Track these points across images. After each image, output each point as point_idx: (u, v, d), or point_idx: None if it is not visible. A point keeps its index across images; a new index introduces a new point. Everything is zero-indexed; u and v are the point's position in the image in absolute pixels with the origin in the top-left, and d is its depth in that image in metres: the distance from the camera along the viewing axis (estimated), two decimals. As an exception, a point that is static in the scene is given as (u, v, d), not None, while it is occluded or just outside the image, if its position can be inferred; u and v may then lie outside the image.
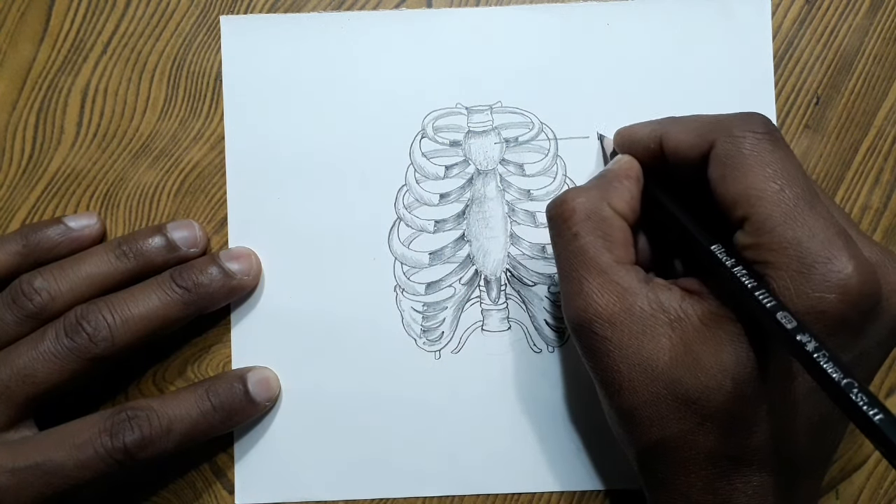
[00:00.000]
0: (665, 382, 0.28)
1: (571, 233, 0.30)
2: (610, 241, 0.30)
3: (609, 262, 0.30)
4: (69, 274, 0.34)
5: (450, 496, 0.36)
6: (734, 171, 0.28)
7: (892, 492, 0.36)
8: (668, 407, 0.28)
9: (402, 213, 0.37)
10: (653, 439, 0.29)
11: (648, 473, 0.30)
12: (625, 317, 0.29)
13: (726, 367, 0.27)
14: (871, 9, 0.37)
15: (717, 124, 0.30)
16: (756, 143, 0.28)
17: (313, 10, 0.37)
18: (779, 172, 0.28)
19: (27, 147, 0.37)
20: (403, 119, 0.37)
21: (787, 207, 0.27)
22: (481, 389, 0.36)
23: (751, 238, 0.28)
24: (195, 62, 0.37)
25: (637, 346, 0.28)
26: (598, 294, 0.29)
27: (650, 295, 0.29)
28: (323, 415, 0.36)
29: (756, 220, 0.28)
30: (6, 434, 0.32)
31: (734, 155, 0.29)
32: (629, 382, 0.29)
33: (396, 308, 0.37)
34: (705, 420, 0.28)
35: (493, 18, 0.37)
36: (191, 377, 0.37)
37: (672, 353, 0.28)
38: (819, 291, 0.26)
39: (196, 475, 0.36)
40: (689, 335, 0.28)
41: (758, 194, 0.28)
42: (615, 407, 0.30)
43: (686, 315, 0.28)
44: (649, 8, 0.37)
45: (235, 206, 0.37)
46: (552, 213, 0.31)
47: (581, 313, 0.29)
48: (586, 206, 0.30)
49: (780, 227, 0.27)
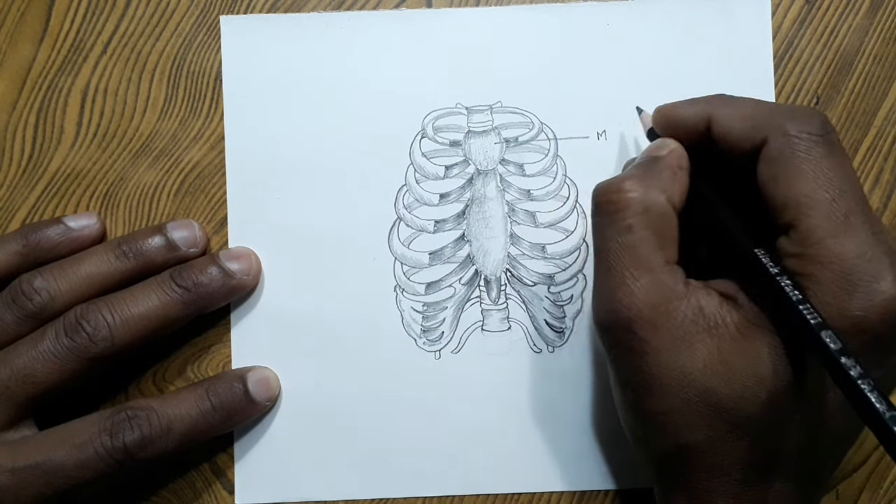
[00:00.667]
0: (698, 390, 0.27)
1: (625, 224, 0.29)
2: (663, 239, 0.29)
3: (660, 261, 0.28)
4: (69, 274, 0.34)
5: (450, 496, 0.36)
6: (786, 174, 0.27)
7: (892, 492, 0.36)
8: (699, 413, 0.27)
9: (402, 213, 0.37)
10: (679, 444, 0.28)
11: (668, 477, 0.30)
12: (667, 320, 0.28)
13: (762, 377, 0.27)
14: (871, 9, 0.37)
15: (771, 116, 0.28)
16: (812, 147, 0.27)
17: (313, 10, 0.37)
18: (833, 181, 0.27)
19: (27, 147, 0.37)
20: (403, 119, 0.37)
21: (838, 220, 0.27)
22: (481, 389, 0.36)
23: (796, 247, 0.27)
24: (195, 62, 0.37)
25: (675, 351, 0.28)
26: (644, 294, 0.28)
27: (692, 300, 0.28)
28: (323, 415, 0.36)
29: (804, 228, 0.27)
30: (6, 434, 0.32)
31: (788, 156, 0.27)
32: (661, 387, 0.28)
33: (396, 308, 0.37)
34: (735, 428, 0.27)
35: (493, 18, 0.37)
36: (191, 377, 0.37)
37: (707, 361, 0.27)
38: (861, 310, 0.26)
39: (196, 475, 0.36)
40: (725, 343, 0.27)
41: (808, 202, 0.27)
42: (641, 409, 0.29)
43: (724, 322, 0.28)
44: (649, 8, 0.37)
45: (235, 206, 0.37)
46: (602, 199, 0.30)
47: (624, 311, 0.28)
48: (644, 198, 0.29)
49: (827, 241, 0.26)
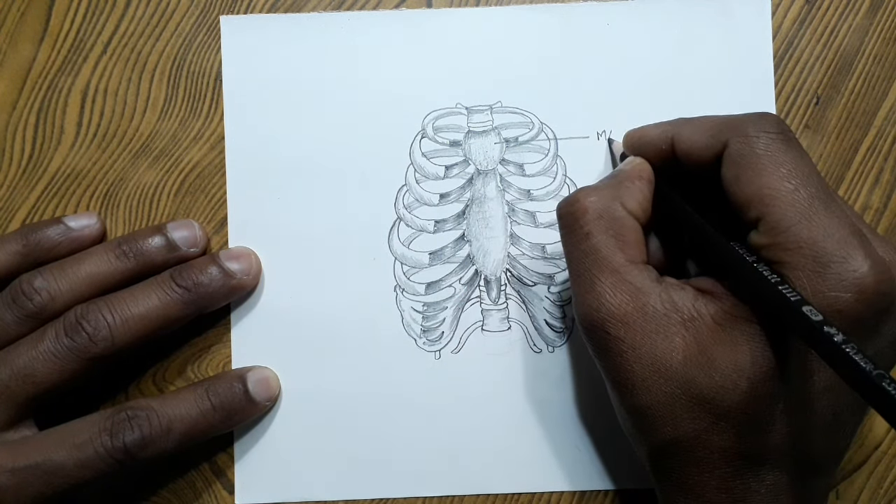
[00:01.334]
0: (679, 382, 0.28)
1: (583, 232, 0.30)
2: (622, 241, 0.30)
3: (622, 261, 0.30)
4: (69, 274, 0.34)
5: (450, 496, 0.36)
6: (748, 171, 0.28)
7: (892, 492, 0.36)
8: (682, 406, 0.28)
9: (402, 213, 0.37)
10: (666, 438, 0.29)
11: (661, 473, 0.30)
12: (638, 316, 0.29)
13: (742, 366, 0.27)
14: (871, 9, 0.37)
15: (729, 124, 0.30)
16: (770, 143, 0.28)
17: (313, 10, 0.37)
18: (793, 172, 0.28)
19: (27, 147, 0.37)
20: (403, 119, 0.37)
21: (802, 207, 0.27)
22: (481, 389, 0.36)
23: (766, 238, 0.28)
24: (195, 62, 0.37)
25: (650, 346, 0.28)
26: (610, 294, 0.29)
27: (663, 294, 0.29)
28: (323, 415, 0.36)
29: (771, 219, 0.28)
30: (6, 434, 0.32)
31: (748, 155, 0.28)
32: (642, 382, 0.28)
33: (396, 308, 0.37)
34: (720, 419, 0.28)
35: (493, 18, 0.37)
36: (191, 377, 0.37)
37: (686, 353, 0.28)
38: (835, 291, 0.26)
39: (196, 475, 0.36)
40: (702, 335, 0.28)
41: (772, 194, 0.28)
42: (627, 406, 0.29)
43: (700, 314, 0.28)
44: (649, 8, 0.37)
45: (235, 206, 0.37)
46: (563, 211, 0.31)
47: (594, 313, 0.29)
48: (598, 205, 0.30)
49: (795, 227, 0.27)
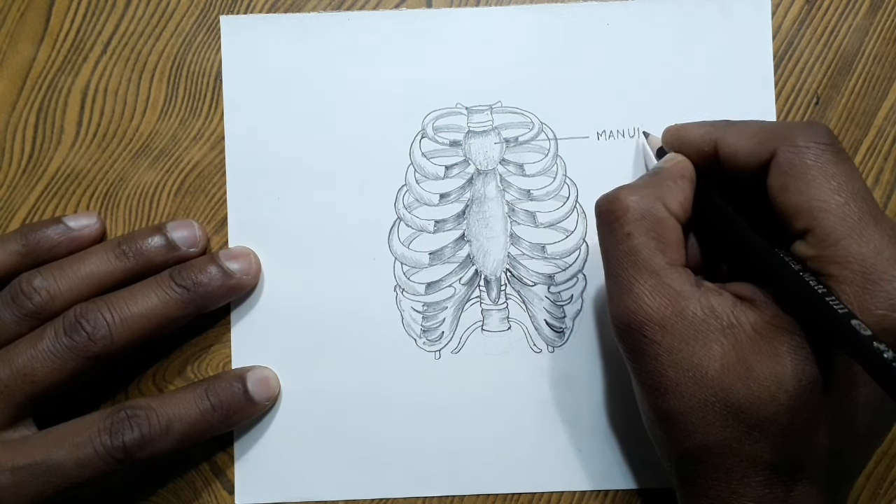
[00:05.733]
0: (714, 390, 0.27)
1: (624, 232, 0.30)
2: (663, 243, 0.29)
3: (662, 264, 0.29)
4: (69, 273, 0.34)
5: (450, 496, 0.36)
6: (797, 181, 0.28)
7: (893, 492, 0.36)
8: (716, 414, 0.27)
9: (402, 213, 0.37)
10: (696, 444, 0.28)
11: (686, 478, 0.29)
12: (676, 321, 0.28)
13: (782, 378, 0.27)
14: (871, 9, 0.37)
15: (777, 132, 0.29)
16: (820, 154, 0.28)
17: (313, 10, 0.37)
18: (843, 185, 0.28)
19: (27, 147, 0.37)
20: (403, 119, 0.37)
21: (853, 221, 0.27)
22: (481, 389, 0.36)
23: (813, 250, 0.27)
24: (195, 62, 0.37)
25: (688, 352, 0.28)
26: (649, 297, 0.29)
27: (702, 300, 0.28)
28: (323, 414, 0.36)
29: (820, 232, 0.27)
30: (6, 433, 0.32)
31: (797, 165, 0.28)
32: (676, 387, 0.28)
33: (396, 308, 0.37)
34: (753, 430, 0.27)
35: (493, 18, 0.37)
36: (190, 377, 0.37)
37: (723, 361, 0.27)
38: (883, 309, 0.26)
39: (195, 475, 0.36)
40: (741, 343, 0.28)
41: (822, 206, 0.27)
42: (657, 410, 0.29)
43: (739, 322, 0.28)
44: (649, 8, 0.37)
45: (235, 206, 0.37)
46: (602, 209, 0.31)
47: (631, 314, 0.29)
48: (640, 205, 0.30)
49: (844, 241, 0.27)
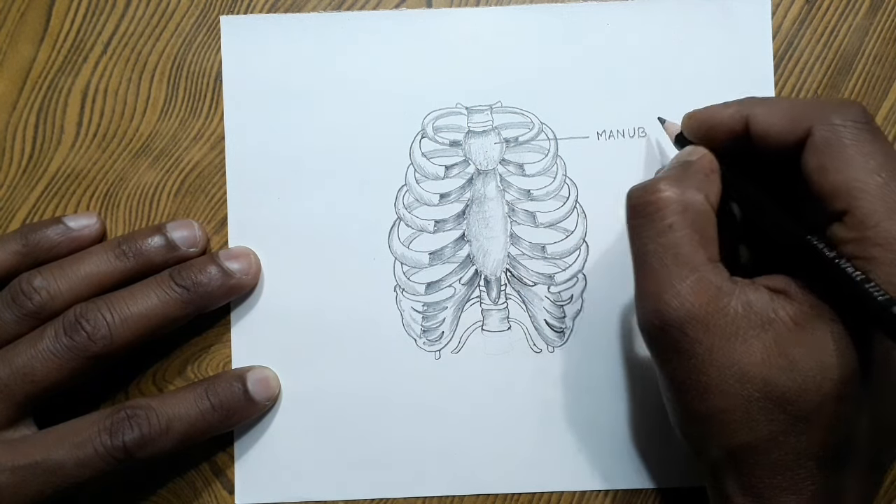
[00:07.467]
0: (758, 385, 0.27)
1: (665, 224, 0.29)
2: (704, 238, 0.29)
3: (703, 259, 0.28)
4: (69, 273, 0.34)
5: (450, 496, 0.36)
6: (835, 160, 0.27)
7: (893, 492, 0.36)
8: (760, 409, 0.27)
9: (402, 213, 0.37)
10: (740, 442, 0.28)
11: (728, 476, 0.29)
12: (718, 318, 0.28)
13: (827, 367, 0.27)
14: (871, 9, 0.37)
15: (811, 110, 0.29)
16: (857, 133, 0.28)
17: (313, 10, 0.37)
18: (883, 165, 0.27)
19: (27, 147, 0.37)
20: (403, 119, 0.37)
21: (893, 202, 0.27)
22: (481, 389, 0.36)
23: (853, 232, 0.27)
24: (195, 62, 0.37)
25: (728, 349, 0.27)
26: (692, 294, 0.28)
27: (741, 296, 0.28)
28: (323, 415, 0.36)
29: (859, 213, 0.27)
30: (6, 433, 0.32)
31: (834, 144, 0.28)
32: (717, 385, 0.28)
33: (396, 308, 0.37)
34: (798, 421, 0.27)
35: (493, 18, 0.37)
36: (190, 377, 0.37)
37: (764, 355, 0.27)
38: None
39: (195, 475, 0.36)
40: (782, 337, 0.27)
41: (861, 186, 0.27)
42: (698, 410, 0.28)
43: (777, 316, 0.27)
44: (649, 8, 0.37)
45: (235, 206, 0.37)
46: (640, 200, 0.30)
47: (672, 312, 0.28)
48: (683, 197, 0.29)
49: (885, 222, 0.26)
